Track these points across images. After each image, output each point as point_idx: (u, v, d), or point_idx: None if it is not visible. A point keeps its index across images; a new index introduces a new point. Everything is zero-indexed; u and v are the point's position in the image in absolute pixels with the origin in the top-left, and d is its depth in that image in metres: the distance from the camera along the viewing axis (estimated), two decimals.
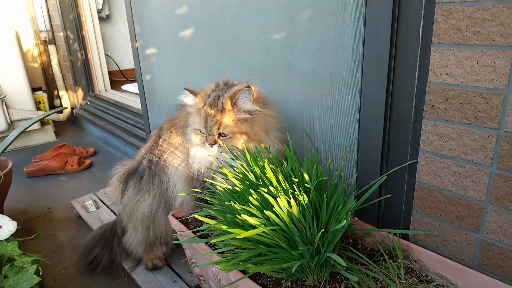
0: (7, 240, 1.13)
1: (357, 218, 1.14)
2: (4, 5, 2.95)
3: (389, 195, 1.12)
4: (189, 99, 1.16)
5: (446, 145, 0.96)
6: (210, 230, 1.09)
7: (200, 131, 1.11)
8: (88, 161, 2.71)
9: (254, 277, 0.97)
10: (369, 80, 1.08)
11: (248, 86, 1.06)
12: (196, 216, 0.94)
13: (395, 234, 1.02)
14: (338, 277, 0.96)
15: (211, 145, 1.08)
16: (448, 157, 0.97)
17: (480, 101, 0.88)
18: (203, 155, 1.14)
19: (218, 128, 1.07)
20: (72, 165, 2.61)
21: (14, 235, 1.19)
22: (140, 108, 2.53)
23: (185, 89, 1.15)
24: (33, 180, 2.52)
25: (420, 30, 0.94)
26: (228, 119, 1.07)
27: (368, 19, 1.03)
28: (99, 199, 2.11)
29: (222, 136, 1.08)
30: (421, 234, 1.09)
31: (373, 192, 1.01)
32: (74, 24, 3.21)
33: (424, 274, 0.97)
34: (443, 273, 0.94)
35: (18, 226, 1.21)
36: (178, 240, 1.22)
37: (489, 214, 0.94)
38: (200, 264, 1.07)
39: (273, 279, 0.96)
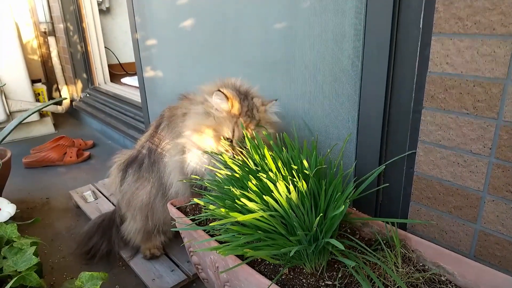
0: (6, 222, 1.13)
1: (355, 209, 1.15)
2: None
3: (387, 184, 1.13)
4: (221, 103, 1.08)
5: (445, 135, 0.97)
6: (209, 219, 1.09)
7: (226, 139, 1.09)
8: (87, 153, 2.71)
9: (252, 264, 0.97)
10: (369, 70, 1.08)
11: (276, 100, 1.13)
12: (196, 200, 0.94)
13: (393, 224, 1.02)
14: (336, 265, 0.96)
15: (234, 155, 1.06)
16: (447, 147, 0.97)
17: (480, 91, 0.88)
18: (200, 160, 1.13)
19: (252, 129, 1.09)
20: (70, 157, 2.61)
21: (12, 219, 1.19)
22: (139, 101, 2.53)
23: (219, 91, 1.06)
24: (32, 171, 2.52)
25: (421, 20, 0.94)
26: (258, 129, 1.10)
27: (369, 9, 1.04)
28: (98, 190, 2.11)
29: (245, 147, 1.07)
30: (419, 223, 1.10)
31: (372, 182, 1.01)
32: (74, 16, 3.20)
33: (421, 264, 0.97)
34: (440, 262, 0.95)
35: (17, 209, 1.22)
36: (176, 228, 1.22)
37: (487, 204, 0.94)
38: (198, 250, 1.07)
39: (271, 266, 0.97)
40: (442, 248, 0.95)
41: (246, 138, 0.99)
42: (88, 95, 3.42)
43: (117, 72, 4.13)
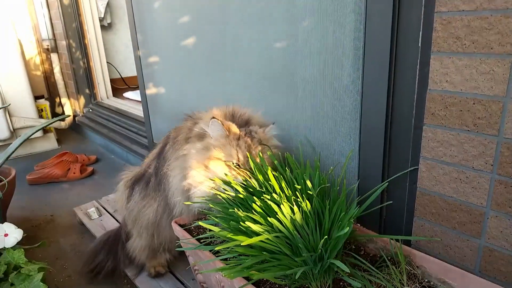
0: (13, 247, 1.14)
1: (359, 225, 1.15)
2: (7, 13, 2.98)
3: (391, 202, 1.13)
4: (217, 129, 1.09)
5: (447, 151, 0.98)
6: (214, 237, 1.10)
7: (232, 164, 1.08)
8: (90, 169, 2.72)
9: (258, 284, 0.97)
10: (370, 87, 1.09)
11: (273, 123, 1.13)
12: (200, 223, 0.95)
13: (397, 240, 1.03)
14: (341, 283, 0.97)
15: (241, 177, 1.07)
16: (449, 163, 0.98)
17: (480, 108, 0.89)
18: (204, 188, 1.12)
19: (251, 150, 1.08)
20: (74, 173, 2.62)
21: (19, 243, 1.20)
22: (142, 115, 2.55)
23: (213, 118, 1.07)
24: (36, 187, 2.54)
25: (420, 39, 0.96)
26: (259, 152, 1.10)
27: (368, 28, 1.05)
28: (102, 206, 2.11)
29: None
30: (423, 240, 1.10)
31: (375, 199, 1.02)
32: (77, 33, 3.24)
33: (426, 280, 0.97)
34: (445, 278, 0.95)
35: (21, 228, 1.22)
36: (181, 247, 1.23)
37: (490, 220, 0.94)
38: (204, 271, 1.07)
39: (276, 286, 0.97)
40: (447, 264, 0.95)
41: (249, 159, 1.00)
42: (90, 110, 3.44)
43: (119, 86, 4.17)
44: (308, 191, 0.90)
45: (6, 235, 1.19)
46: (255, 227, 0.83)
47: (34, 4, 3.36)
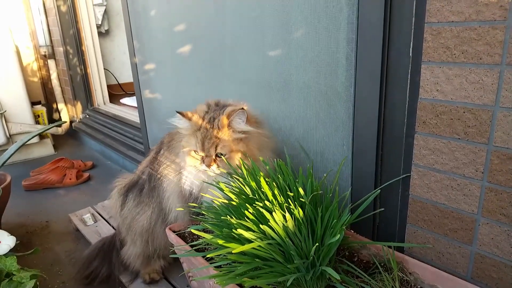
0: (6, 255, 1.14)
1: (352, 231, 1.16)
2: (4, 19, 2.99)
3: (384, 208, 1.14)
4: (182, 122, 1.16)
5: (438, 159, 0.99)
6: (207, 244, 1.10)
7: (196, 153, 1.12)
8: (86, 175, 2.72)
9: None
10: (362, 96, 1.11)
11: (242, 108, 1.07)
12: (192, 230, 0.95)
13: (390, 247, 1.03)
14: None
15: (209, 166, 1.09)
16: (440, 171, 0.99)
17: (470, 117, 0.91)
18: (194, 177, 1.16)
19: (216, 149, 1.09)
20: (70, 179, 2.61)
21: (12, 250, 1.20)
22: (138, 121, 2.56)
23: (177, 112, 1.14)
24: (31, 193, 2.53)
25: (411, 49, 0.97)
26: (225, 139, 1.09)
27: (360, 38, 1.07)
28: (97, 212, 2.11)
29: (219, 157, 1.10)
30: (416, 246, 1.11)
31: (368, 205, 1.03)
32: (74, 39, 3.26)
33: (419, 286, 0.98)
34: (438, 285, 0.96)
35: (16, 241, 1.22)
36: (175, 253, 1.23)
37: (481, 226, 0.95)
38: (197, 278, 1.08)
39: None
40: (439, 271, 0.96)
41: (242, 166, 1.01)
42: (87, 116, 3.45)
43: (116, 92, 4.17)
44: (301, 198, 0.90)
45: None
46: (247, 234, 0.84)
47: (32, 10, 3.38)
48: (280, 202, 0.90)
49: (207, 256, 1.04)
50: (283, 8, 1.29)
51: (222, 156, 1.08)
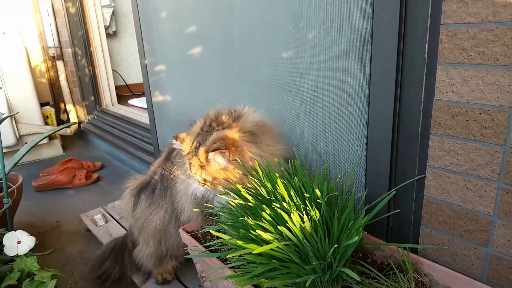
0: (26, 255, 1.15)
1: (366, 232, 1.16)
2: (14, 22, 3.02)
3: (398, 210, 1.14)
4: (177, 144, 1.18)
5: (453, 160, 0.99)
6: (221, 244, 1.11)
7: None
8: (95, 175, 2.73)
9: None
10: (377, 97, 1.11)
11: (220, 150, 1.02)
12: (210, 230, 0.96)
13: (404, 248, 1.03)
14: None
15: (201, 185, 1.11)
16: (456, 172, 0.99)
17: (486, 118, 0.90)
18: (198, 184, 1.16)
19: (201, 175, 1.09)
20: (80, 179, 2.63)
21: (30, 250, 1.21)
22: (147, 122, 2.57)
23: (173, 137, 1.18)
24: (42, 194, 2.55)
25: (426, 50, 0.97)
26: (208, 169, 1.08)
27: (375, 39, 1.07)
28: (108, 213, 2.13)
29: (206, 180, 1.10)
30: (430, 248, 1.11)
31: (383, 207, 1.03)
32: (82, 41, 3.28)
33: None
34: (453, 286, 0.96)
35: (36, 241, 1.24)
36: (188, 254, 1.24)
37: (497, 228, 0.95)
38: (212, 279, 1.08)
39: None
40: (454, 272, 0.96)
41: (258, 167, 1.01)
42: (96, 117, 3.47)
43: (124, 93, 4.20)
44: (317, 200, 0.91)
45: (19, 242, 1.21)
46: (265, 235, 0.84)
47: (41, 12, 3.40)
48: (296, 203, 0.91)
49: (222, 257, 1.05)
50: (296, 7, 1.29)
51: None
